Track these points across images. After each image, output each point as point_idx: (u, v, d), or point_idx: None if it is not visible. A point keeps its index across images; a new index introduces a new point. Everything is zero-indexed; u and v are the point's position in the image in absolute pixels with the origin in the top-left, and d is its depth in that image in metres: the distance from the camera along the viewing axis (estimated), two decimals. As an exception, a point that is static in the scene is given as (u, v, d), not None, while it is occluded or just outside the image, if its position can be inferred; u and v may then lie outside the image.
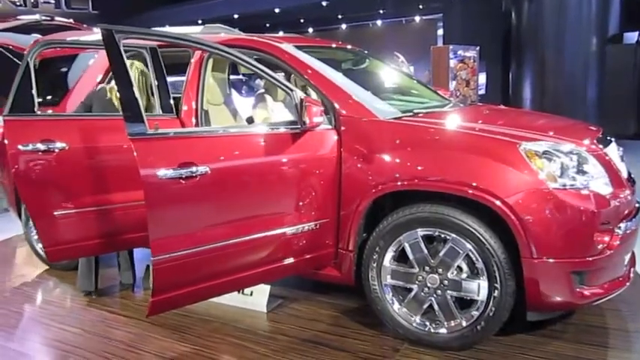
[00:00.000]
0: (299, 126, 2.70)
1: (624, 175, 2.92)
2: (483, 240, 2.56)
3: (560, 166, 2.56)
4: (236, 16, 14.28)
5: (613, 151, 3.00)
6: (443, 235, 2.67)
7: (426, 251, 2.73)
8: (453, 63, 7.25)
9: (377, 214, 2.89)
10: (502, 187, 2.51)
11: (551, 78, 7.48)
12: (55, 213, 3.09)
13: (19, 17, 4.91)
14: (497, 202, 2.49)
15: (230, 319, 3.24)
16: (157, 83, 3.48)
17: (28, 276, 4.14)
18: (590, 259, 2.52)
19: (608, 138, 3.17)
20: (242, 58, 2.67)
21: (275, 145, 2.70)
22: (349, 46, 4.41)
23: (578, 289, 2.56)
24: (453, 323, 2.73)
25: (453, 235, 2.64)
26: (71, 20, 5.10)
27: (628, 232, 2.69)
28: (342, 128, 2.90)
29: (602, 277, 2.66)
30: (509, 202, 2.48)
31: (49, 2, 14.40)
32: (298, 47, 3.49)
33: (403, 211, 2.75)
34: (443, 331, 2.75)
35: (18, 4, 14.03)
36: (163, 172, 2.33)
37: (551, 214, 2.47)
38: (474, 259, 2.62)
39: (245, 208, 2.63)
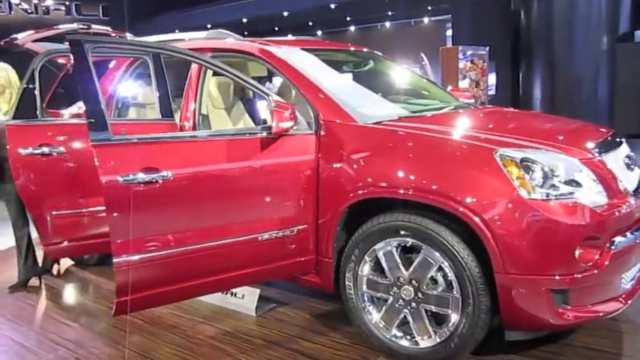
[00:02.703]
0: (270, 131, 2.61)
1: (631, 183, 2.61)
2: (455, 252, 2.34)
3: (542, 174, 2.30)
4: (245, 20, 14.10)
5: (617, 156, 2.68)
6: (416, 246, 2.50)
7: (399, 261, 2.54)
8: (462, 64, 6.85)
9: (357, 222, 2.75)
10: (472, 196, 2.27)
11: (561, 77, 6.91)
12: (54, 213, 3.18)
13: (57, 27, 5.11)
14: (467, 212, 2.27)
15: (218, 321, 3.17)
16: (157, 88, 3.50)
17: (54, 271, 4.31)
18: (572, 277, 2.23)
19: (618, 140, 2.84)
20: (212, 62, 2.60)
21: (245, 149, 2.59)
22: (365, 49, 4.25)
23: (559, 309, 2.29)
24: (426, 338, 2.51)
25: (426, 246, 2.45)
26: (108, 28, 5.24)
27: (625, 247, 2.37)
28: (322, 133, 2.76)
29: (591, 297, 2.36)
30: (479, 211, 2.24)
31: (59, 9, 14.58)
32: (306, 50, 3.43)
33: (378, 219, 2.58)
34: (416, 345, 2.54)
35: (30, 11, 14.28)
36: (123, 177, 2.28)
37: (525, 226, 2.20)
38: (447, 271, 2.43)
39: (211, 213, 2.53)
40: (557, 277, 2.23)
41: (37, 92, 3.17)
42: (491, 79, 7.76)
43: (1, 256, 4.71)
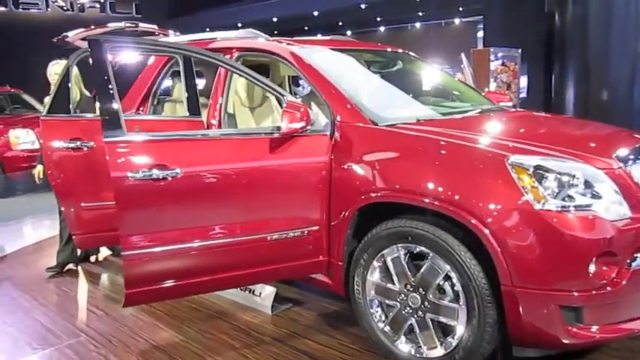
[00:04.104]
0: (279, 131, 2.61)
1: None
2: (461, 261, 2.25)
3: (557, 184, 2.17)
4: (275, 19, 14.06)
5: None
6: (424, 253, 2.43)
7: (407, 268, 2.49)
8: (493, 65, 6.55)
9: (369, 227, 2.70)
10: (480, 204, 2.19)
11: (596, 81, 6.44)
12: (82, 204, 3.33)
13: (106, 25, 5.32)
14: (474, 221, 2.18)
15: (234, 318, 3.21)
16: (186, 86, 3.58)
17: (92, 259, 4.50)
18: (585, 294, 2.10)
19: None
20: (228, 63, 2.64)
21: (255, 149, 2.60)
22: (399, 50, 4.16)
23: (571, 327, 2.16)
24: (431, 348, 2.44)
25: (432, 254, 2.38)
26: (155, 26, 5.40)
27: (650, 264, 2.22)
28: (336, 134, 2.74)
29: (609, 316, 2.21)
30: (487, 221, 2.15)
31: (94, 7, 15.02)
32: (336, 50, 3.48)
33: (386, 224, 2.53)
34: (421, 355, 2.47)
35: (65, 8, 14.69)
36: (133, 174, 2.34)
37: (532, 238, 2.09)
38: (454, 281, 2.34)
39: (220, 212, 2.55)
40: (567, 294, 2.10)
41: (70, 88, 3.32)
42: (523, 81, 7.44)
43: (37, 246, 4.97)
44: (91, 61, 2.45)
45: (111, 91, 2.41)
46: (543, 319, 2.15)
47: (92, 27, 4.54)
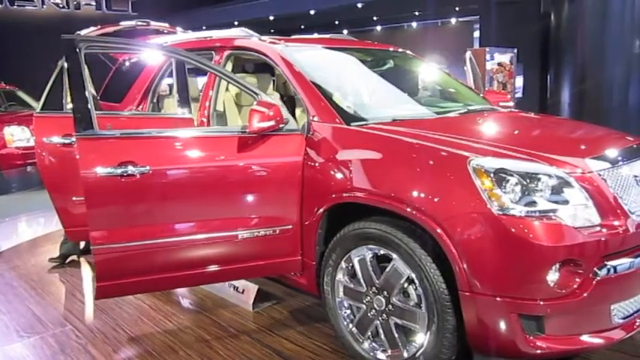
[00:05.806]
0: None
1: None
2: (421, 265, 2.20)
3: (520, 188, 2.08)
4: (272, 17, 13.97)
5: (635, 169, 2.36)
6: (388, 255, 2.38)
7: (371, 269, 2.45)
8: (489, 66, 6.35)
9: (341, 226, 2.67)
10: (439, 207, 2.12)
11: (591, 82, 6.17)
12: (73, 199, 3.41)
13: (118, 23, 5.42)
14: (432, 224, 2.12)
15: (215, 313, 3.23)
16: (177, 84, 3.61)
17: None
18: (544, 303, 2.01)
19: None
20: (204, 62, 2.64)
21: (224, 148, 2.59)
22: (400, 49, 4.10)
23: (530, 336, 2.08)
24: (395, 352, 2.40)
25: (395, 256, 2.33)
26: (167, 24, 5.48)
27: (618, 275, 2.10)
28: (310, 133, 2.72)
29: (573, 327, 2.12)
30: (445, 225, 2.09)
31: (90, 4, 14.74)
32: (329, 48, 3.51)
33: (353, 225, 2.49)
34: (385, 358, 2.46)
35: (61, 6, 14.41)
36: (102, 170, 2.39)
37: (490, 244, 2.02)
38: (416, 285, 2.29)
39: (188, 209, 2.56)
40: (526, 302, 2.02)
41: (64, 90, 3.41)
42: (519, 81, 7.23)
43: (32, 243, 5.02)
44: (65, 63, 2.50)
45: (83, 91, 2.45)
46: (502, 327, 2.08)
47: (99, 26, 4.66)
